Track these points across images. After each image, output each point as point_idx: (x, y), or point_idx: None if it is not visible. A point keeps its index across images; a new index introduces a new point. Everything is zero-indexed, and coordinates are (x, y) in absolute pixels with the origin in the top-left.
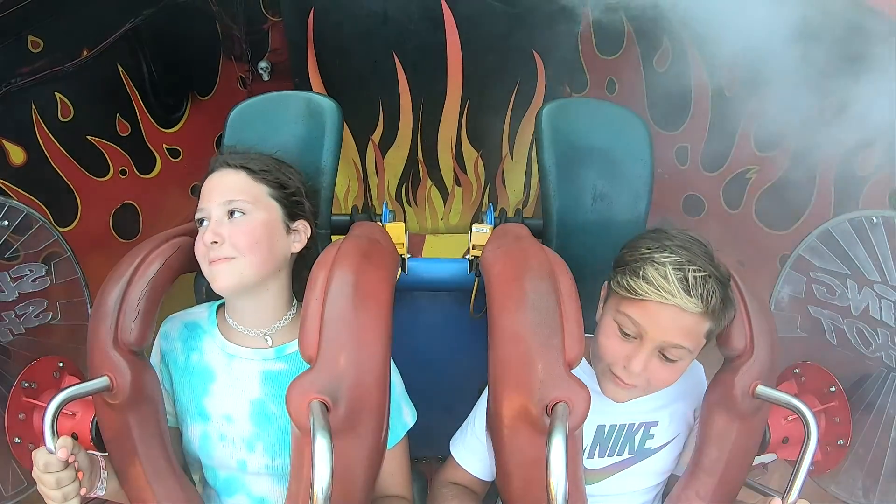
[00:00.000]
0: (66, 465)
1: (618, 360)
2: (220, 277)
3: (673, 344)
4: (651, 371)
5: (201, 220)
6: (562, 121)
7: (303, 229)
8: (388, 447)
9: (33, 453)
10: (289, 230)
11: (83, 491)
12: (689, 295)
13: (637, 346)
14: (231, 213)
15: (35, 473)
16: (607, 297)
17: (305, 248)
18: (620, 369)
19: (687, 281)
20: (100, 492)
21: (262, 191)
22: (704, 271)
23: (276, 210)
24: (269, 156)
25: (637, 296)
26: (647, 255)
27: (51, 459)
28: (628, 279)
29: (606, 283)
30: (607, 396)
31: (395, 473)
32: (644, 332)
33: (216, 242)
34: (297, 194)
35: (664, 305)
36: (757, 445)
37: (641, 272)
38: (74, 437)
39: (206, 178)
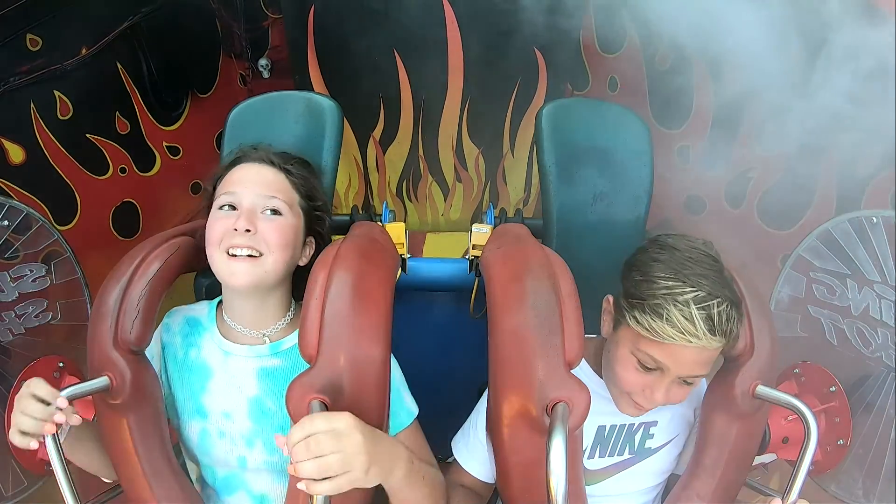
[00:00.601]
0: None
1: (638, 389)
2: (241, 272)
3: (696, 376)
4: (671, 396)
5: (226, 204)
6: (562, 121)
7: (310, 244)
8: (398, 431)
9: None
10: (304, 242)
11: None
12: (714, 335)
13: (658, 379)
14: (267, 208)
15: (20, 394)
16: (618, 324)
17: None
18: (641, 398)
19: (712, 320)
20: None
21: (295, 197)
22: (725, 301)
23: (301, 220)
24: (304, 161)
25: (660, 339)
26: (668, 293)
27: (45, 392)
28: (649, 319)
29: (612, 299)
30: (624, 413)
31: (415, 450)
32: (666, 368)
33: (249, 231)
34: (321, 209)
35: (688, 347)
36: (757, 445)
37: (665, 314)
38: None
39: (233, 165)
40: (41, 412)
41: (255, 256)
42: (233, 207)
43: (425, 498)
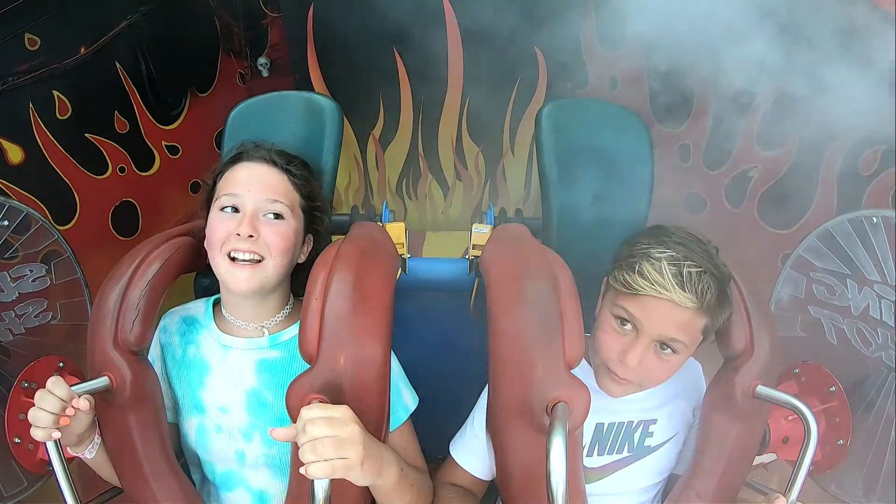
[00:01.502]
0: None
1: (613, 354)
2: (244, 278)
3: (669, 337)
4: (646, 365)
5: (228, 206)
6: (562, 121)
7: (308, 242)
8: (393, 428)
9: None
10: (303, 241)
11: (65, 447)
12: (684, 290)
13: (633, 340)
14: (269, 212)
15: (40, 393)
16: (605, 292)
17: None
18: (616, 363)
19: (682, 276)
20: (88, 455)
21: (296, 199)
22: (700, 267)
23: (301, 221)
24: (304, 162)
25: (632, 290)
26: (644, 251)
27: (62, 391)
28: (624, 274)
29: (605, 278)
30: (603, 391)
31: (406, 448)
32: (640, 325)
33: (252, 237)
34: (320, 210)
35: (659, 300)
36: (757, 445)
37: (637, 267)
38: None
39: (232, 163)
40: (56, 407)
41: (257, 261)
42: (235, 209)
43: (412, 503)
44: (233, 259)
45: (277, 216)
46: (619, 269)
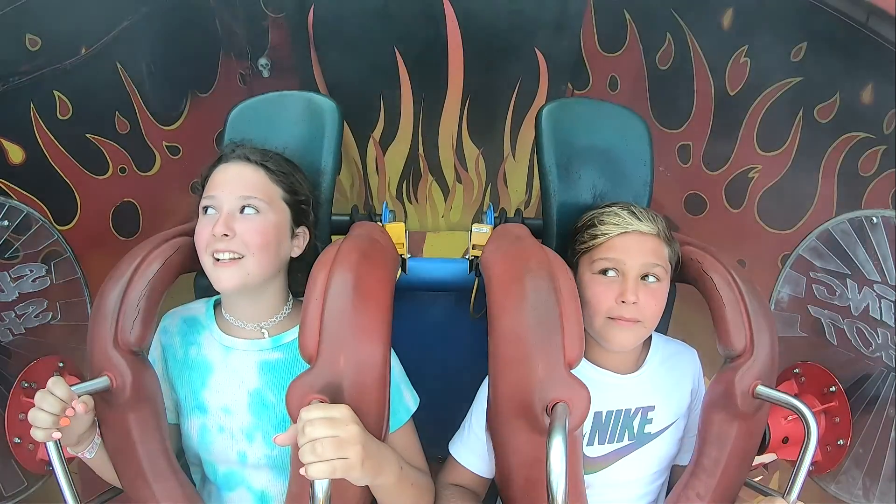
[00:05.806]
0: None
1: (611, 301)
2: (225, 277)
3: (650, 264)
4: (642, 300)
5: (207, 209)
6: (562, 121)
7: (302, 235)
8: (394, 430)
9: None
10: (293, 235)
11: (65, 447)
12: (641, 220)
13: (622, 280)
14: (244, 208)
15: (40, 393)
16: (577, 265)
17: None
18: (616, 308)
19: (634, 212)
20: (88, 455)
21: (276, 192)
22: (642, 206)
23: (285, 214)
24: (285, 157)
25: (603, 236)
26: (594, 214)
27: (62, 391)
28: (589, 234)
29: (574, 259)
30: (615, 348)
31: (407, 449)
32: (622, 264)
33: (227, 236)
34: (306, 203)
35: (627, 234)
36: (757, 445)
37: (598, 220)
38: None
39: (215, 166)
40: (55, 408)
41: (237, 259)
42: (213, 210)
43: (412, 503)
44: (216, 259)
45: (253, 212)
46: (581, 236)
